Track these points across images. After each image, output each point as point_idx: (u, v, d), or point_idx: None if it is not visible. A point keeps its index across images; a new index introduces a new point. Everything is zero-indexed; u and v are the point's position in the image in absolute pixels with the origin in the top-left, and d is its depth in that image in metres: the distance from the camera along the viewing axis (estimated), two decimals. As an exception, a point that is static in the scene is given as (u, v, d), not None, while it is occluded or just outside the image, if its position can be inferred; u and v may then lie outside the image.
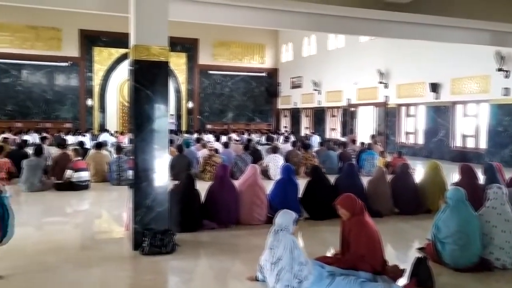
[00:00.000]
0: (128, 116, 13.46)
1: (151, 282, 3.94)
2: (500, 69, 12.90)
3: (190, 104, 24.93)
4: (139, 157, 4.75)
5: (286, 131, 23.24)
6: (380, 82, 17.77)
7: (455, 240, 4.14)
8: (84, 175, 8.62)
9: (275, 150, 10.64)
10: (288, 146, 12.53)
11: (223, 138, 15.86)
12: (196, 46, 24.65)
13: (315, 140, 17.02)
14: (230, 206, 5.75)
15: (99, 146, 10.33)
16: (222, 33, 23.47)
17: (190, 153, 10.66)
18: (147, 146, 4.77)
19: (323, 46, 21.93)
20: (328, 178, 6.69)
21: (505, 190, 4.51)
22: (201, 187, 5.89)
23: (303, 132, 23.13)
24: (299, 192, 6.36)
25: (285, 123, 26.02)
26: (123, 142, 14.59)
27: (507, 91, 12.89)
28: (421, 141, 16.30)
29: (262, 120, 26.54)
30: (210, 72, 25.15)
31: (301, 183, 6.52)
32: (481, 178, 6.89)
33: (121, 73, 23.10)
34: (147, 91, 4.76)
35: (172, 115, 23.22)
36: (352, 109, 20.03)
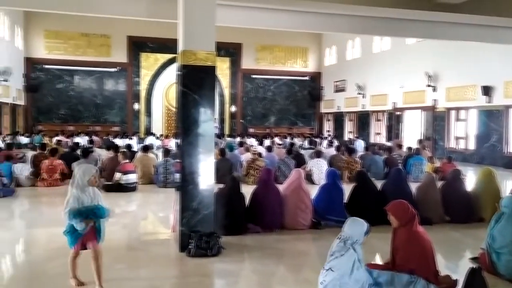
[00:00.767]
0: (176, 120, 13.73)
1: (197, 284, 4.00)
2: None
3: (233, 108, 25.21)
4: (186, 160, 4.83)
5: (330, 135, 22.99)
6: (428, 85, 17.22)
7: (511, 251, 3.99)
8: (132, 177, 8.88)
9: (319, 155, 10.51)
10: (332, 151, 12.36)
11: (267, 142, 15.86)
12: (240, 51, 24.93)
13: (360, 145, 16.68)
14: (275, 210, 5.74)
15: (146, 149, 10.57)
16: (265, 37, 23.62)
17: (234, 157, 10.71)
18: (194, 150, 4.84)
19: (368, 49, 21.56)
20: (375, 184, 6.56)
21: None
22: (245, 191, 5.90)
23: (347, 136, 22.81)
24: (345, 197, 6.26)
25: (328, 127, 25.77)
26: (168, 145, 14.92)
27: None
28: (472, 147, 15.64)
29: (305, 124, 26.40)
30: (253, 76, 25.34)
31: (346, 188, 6.41)
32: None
33: (167, 78, 23.80)
34: (194, 95, 4.84)
35: (215, 119, 23.53)
36: (398, 113, 19.53)
